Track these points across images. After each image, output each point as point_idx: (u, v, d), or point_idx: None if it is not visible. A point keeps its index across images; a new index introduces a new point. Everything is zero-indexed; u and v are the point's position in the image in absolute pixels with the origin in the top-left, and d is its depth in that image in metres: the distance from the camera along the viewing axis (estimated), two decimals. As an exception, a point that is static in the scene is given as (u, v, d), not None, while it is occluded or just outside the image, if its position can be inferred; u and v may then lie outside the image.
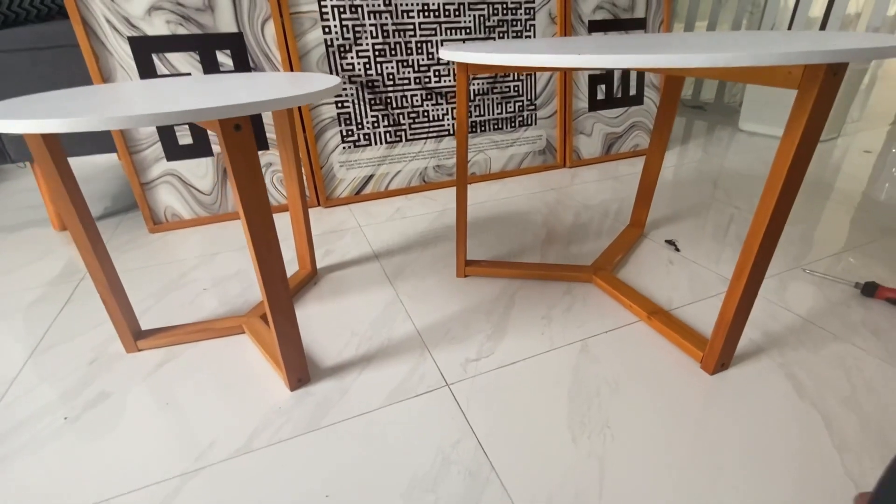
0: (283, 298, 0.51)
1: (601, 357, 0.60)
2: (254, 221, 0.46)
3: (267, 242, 0.48)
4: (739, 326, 0.54)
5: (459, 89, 0.66)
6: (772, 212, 0.46)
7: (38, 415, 0.55)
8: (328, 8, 1.03)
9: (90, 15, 0.88)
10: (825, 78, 0.39)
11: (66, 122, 0.35)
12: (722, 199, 1.09)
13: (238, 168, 0.43)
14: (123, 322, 0.62)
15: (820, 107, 0.41)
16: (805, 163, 0.44)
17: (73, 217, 0.54)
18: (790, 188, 0.45)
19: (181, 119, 0.36)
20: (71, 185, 0.53)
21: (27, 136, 0.49)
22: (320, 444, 0.49)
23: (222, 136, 0.41)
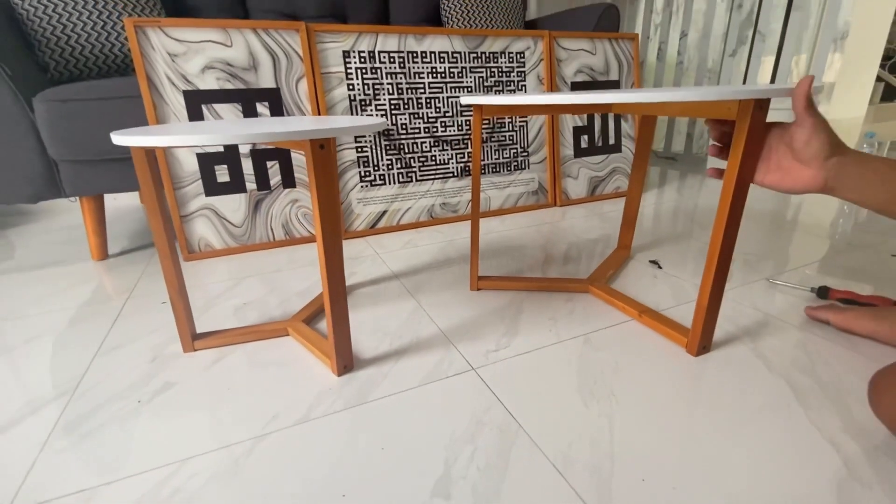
0: (339, 282, 0.61)
1: (602, 346, 0.70)
2: (326, 218, 0.57)
3: (334, 237, 0.58)
4: (714, 312, 0.66)
5: (475, 127, 0.81)
6: (729, 206, 0.59)
7: (113, 399, 0.62)
8: (353, 69, 1.21)
9: (153, 71, 1.03)
10: (754, 110, 0.53)
11: (221, 137, 0.47)
12: (696, 229, 1.24)
13: (320, 177, 0.55)
14: (185, 323, 0.71)
15: (754, 132, 0.55)
16: (750, 170, 0.57)
17: (157, 221, 0.65)
18: (741, 189, 0.58)
19: (291, 137, 0.49)
20: (160, 192, 0.64)
21: (135, 151, 0.60)
22: (370, 413, 0.57)
23: (311, 152, 0.54)
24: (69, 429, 0.56)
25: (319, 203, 0.56)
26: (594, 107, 0.91)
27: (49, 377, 0.67)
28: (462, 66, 1.33)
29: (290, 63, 1.15)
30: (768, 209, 1.42)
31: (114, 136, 0.53)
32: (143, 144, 0.50)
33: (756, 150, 0.56)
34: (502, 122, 1.41)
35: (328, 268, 0.59)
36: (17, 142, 0.99)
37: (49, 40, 1.11)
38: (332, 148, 0.55)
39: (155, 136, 0.49)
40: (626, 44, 1.56)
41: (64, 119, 0.98)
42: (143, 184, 0.62)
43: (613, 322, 0.77)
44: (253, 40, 1.10)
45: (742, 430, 0.53)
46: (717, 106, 0.59)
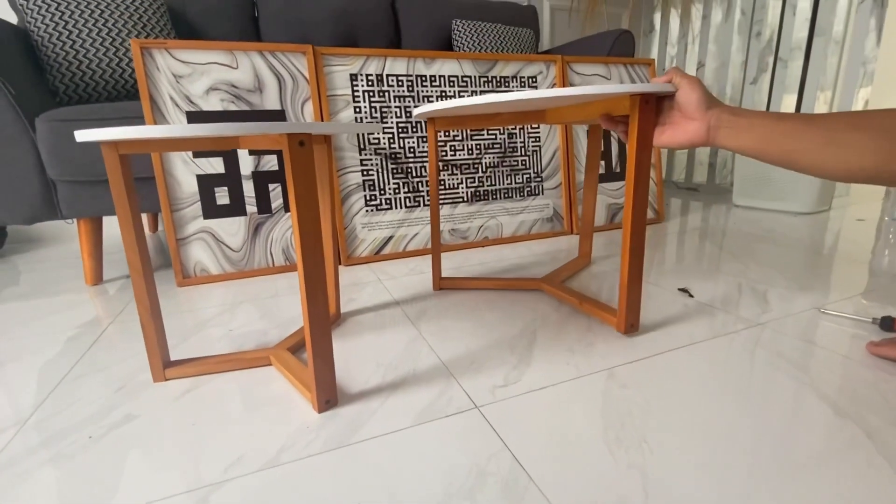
0: (321, 307, 0.53)
1: (630, 382, 0.60)
2: (305, 226, 0.50)
3: (313, 248, 0.51)
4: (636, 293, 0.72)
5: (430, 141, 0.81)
6: (633, 193, 0.67)
7: (64, 432, 0.54)
8: (360, 92, 1.18)
9: (157, 92, 1.02)
10: (641, 103, 0.62)
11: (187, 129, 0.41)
12: (726, 258, 1.13)
13: (298, 176, 0.49)
14: (156, 349, 0.64)
15: (644, 120, 0.63)
16: (647, 158, 0.65)
17: (129, 231, 0.59)
18: (641, 176, 0.67)
19: (266, 130, 0.43)
20: (133, 201, 0.59)
21: (105, 150, 0.55)
22: (351, 458, 0.48)
23: (288, 148, 0.48)
24: (8, 465, 0.49)
25: (298, 208, 0.50)
26: (529, 115, 0.91)
27: (6, 404, 0.60)
28: (472, 90, 1.30)
29: (296, 85, 1.13)
30: (805, 237, 1.31)
31: (77, 133, 0.48)
32: (103, 138, 0.44)
33: (648, 137, 0.64)
34: (514, 145, 1.36)
35: (307, 285, 0.52)
36: (16, 161, 0.98)
37: (60, 65, 1.12)
38: (310, 145, 0.49)
39: (116, 129, 0.44)
40: (642, 69, 1.52)
41: (64, 138, 0.96)
42: (115, 188, 0.57)
43: (641, 355, 0.67)
44: (259, 62, 1.09)
45: (815, 481, 0.41)
46: (616, 102, 0.67)
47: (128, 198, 0.58)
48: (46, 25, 1.13)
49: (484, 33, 1.72)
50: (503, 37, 1.74)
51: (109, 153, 0.56)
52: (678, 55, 2.31)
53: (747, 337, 0.71)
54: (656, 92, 0.62)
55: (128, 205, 0.58)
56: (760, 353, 0.66)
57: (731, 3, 2.05)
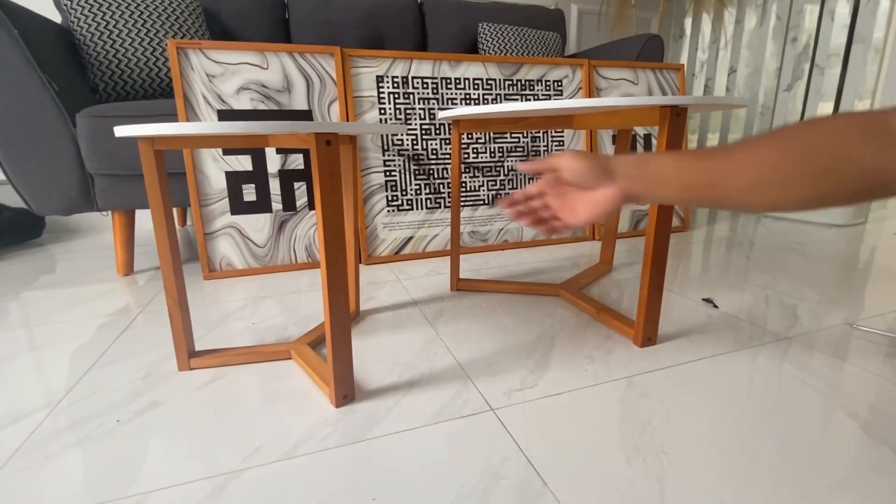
0: (342, 304, 0.54)
1: (650, 392, 0.59)
2: (329, 225, 0.51)
3: (337, 246, 0.52)
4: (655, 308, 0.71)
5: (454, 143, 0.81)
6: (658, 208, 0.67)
7: (93, 416, 0.56)
8: (385, 94, 1.20)
9: (190, 91, 1.05)
10: (671, 116, 0.62)
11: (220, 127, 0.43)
12: (753, 268, 1.10)
13: (324, 175, 0.50)
14: (183, 339, 0.66)
15: (673, 133, 0.63)
16: None
17: (161, 226, 0.61)
18: None
19: (294, 129, 0.44)
20: (166, 196, 0.61)
21: (142, 145, 0.58)
22: (365, 453, 0.49)
23: (315, 149, 0.49)
24: (38, 446, 0.51)
25: (323, 206, 0.51)
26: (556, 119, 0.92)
27: (39, 388, 0.63)
28: (497, 93, 1.30)
29: (323, 86, 1.15)
30: (838, 250, 1.26)
31: (116, 129, 0.51)
32: (140, 134, 0.46)
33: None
34: (538, 149, 1.35)
35: (330, 283, 0.53)
36: (57, 154, 1.02)
37: (101, 63, 1.17)
38: (337, 145, 0.50)
39: (153, 126, 0.46)
40: (671, 74, 1.49)
41: (102, 134, 1.00)
42: (149, 182, 0.59)
43: (662, 365, 0.66)
44: (288, 63, 1.11)
45: (841, 512, 0.40)
46: (642, 113, 0.68)
47: (161, 192, 0.60)
48: (88, 25, 1.18)
49: (510, 36, 1.72)
50: (529, 40, 1.74)
51: (146, 148, 0.58)
52: (709, 60, 2.26)
53: (774, 350, 0.69)
54: (686, 104, 0.61)
55: (161, 199, 0.60)
56: (787, 367, 0.64)
57: (766, 8, 2.00)
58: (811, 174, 0.36)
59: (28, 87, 0.98)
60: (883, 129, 0.34)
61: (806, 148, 0.36)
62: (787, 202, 0.38)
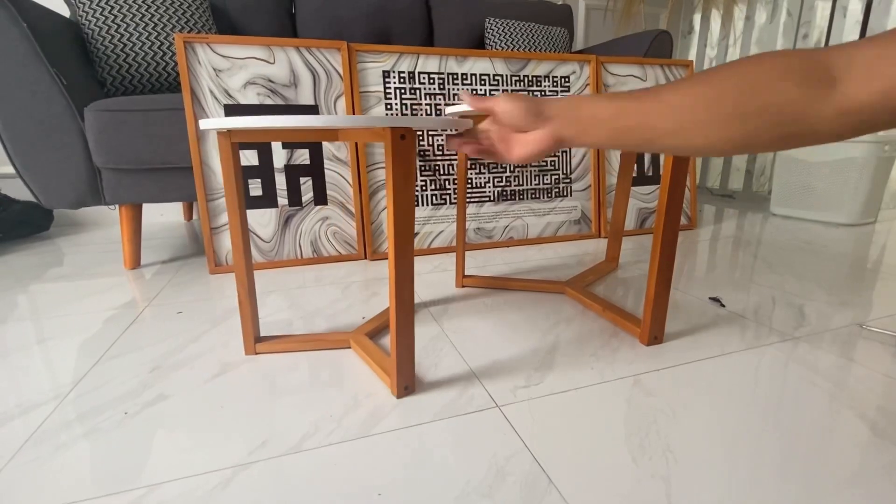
0: (408, 295, 0.55)
1: (655, 390, 0.59)
2: (400, 217, 0.52)
3: (406, 239, 0.53)
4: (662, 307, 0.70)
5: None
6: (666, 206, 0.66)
7: (101, 408, 0.57)
8: (392, 89, 1.19)
9: (198, 86, 1.05)
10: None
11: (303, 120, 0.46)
12: (760, 267, 1.09)
13: (397, 170, 0.51)
14: (250, 325, 0.69)
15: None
16: (683, 167, 0.64)
17: (235, 215, 0.64)
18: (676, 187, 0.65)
19: (372, 123, 0.47)
20: (240, 186, 0.63)
21: (220, 138, 0.59)
22: (369, 449, 0.49)
23: (391, 142, 0.50)
24: (45, 438, 0.51)
25: (395, 199, 0.51)
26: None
27: (47, 379, 0.64)
28: (503, 89, 1.29)
29: (329, 81, 1.15)
30: (847, 249, 1.25)
31: (201, 122, 0.53)
32: (219, 127, 0.48)
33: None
34: (544, 146, 1.35)
35: (398, 274, 0.53)
36: (65, 149, 1.03)
37: (108, 57, 1.18)
38: (412, 139, 0.51)
39: (231, 119, 0.47)
40: (679, 71, 1.48)
41: (110, 128, 1.01)
42: (226, 173, 0.62)
43: (669, 364, 0.65)
44: (295, 58, 1.11)
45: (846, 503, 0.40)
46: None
47: (235, 183, 0.62)
48: (97, 19, 1.18)
49: (517, 32, 1.71)
50: (536, 36, 1.73)
51: (223, 141, 0.60)
52: (718, 57, 2.24)
53: (781, 350, 0.69)
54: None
55: (235, 189, 0.62)
56: (794, 367, 0.64)
57: (777, 4, 1.97)
58: (741, 115, 0.35)
59: (37, 80, 0.98)
60: (820, 69, 0.32)
61: (737, 88, 0.35)
62: (716, 144, 0.37)
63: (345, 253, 1.21)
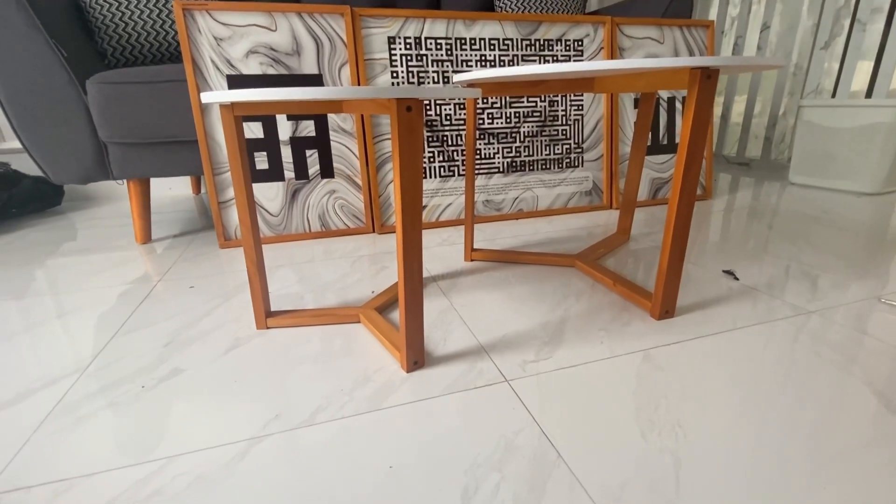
0: (417, 272, 0.55)
1: (666, 365, 0.58)
2: (407, 191, 0.51)
3: (413, 214, 0.52)
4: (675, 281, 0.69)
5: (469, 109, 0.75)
6: (682, 177, 0.63)
7: (120, 382, 0.58)
8: (397, 56, 1.16)
9: (199, 56, 1.03)
10: (701, 78, 0.58)
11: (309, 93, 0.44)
12: (775, 239, 1.07)
13: (404, 143, 0.49)
14: (260, 300, 0.69)
15: (703, 99, 0.60)
16: (702, 140, 0.62)
17: (241, 191, 0.63)
18: (693, 160, 0.63)
19: (378, 95, 0.45)
20: (244, 161, 0.63)
21: (223, 111, 0.58)
22: (380, 423, 0.49)
23: (396, 114, 0.48)
24: (68, 410, 0.53)
25: (402, 174, 0.50)
26: (577, 83, 0.88)
27: (68, 353, 0.65)
28: (514, 53, 1.24)
29: (333, 48, 1.11)
30: (867, 219, 1.21)
31: (203, 95, 0.51)
32: (221, 100, 0.47)
33: (705, 118, 0.61)
34: (555, 114, 1.31)
35: (405, 250, 0.53)
36: (70, 123, 1.02)
37: (108, 27, 1.15)
38: (418, 110, 0.49)
39: (233, 92, 0.46)
40: (699, 32, 1.40)
41: (113, 101, 0.99)
42: (230, 147, 0.61)
43: (679, 338, 0.65)
44: (297, 24, 1.07)
45: (855, 470, 0.40)
46: (669, 76, 0.64)
47: (240, 158, 0.61)
48: (94, -13, 1.15)
49: (528, -7, 1.63)
50: (548, -4, 1.65)
51: (226, 115, 0.59)
52: (740, 16, 2.12)
53: (793, 324, 0.68)
54: (718, 65, 0.57)
55: (240, 164, 0.61)
56: (806, 341, 0.63)
57: (806, -43, 1.85)
58: None
59: (37, 53, 0.96)
60: None
61: None
62: None
63: (353, 226, 1.21)
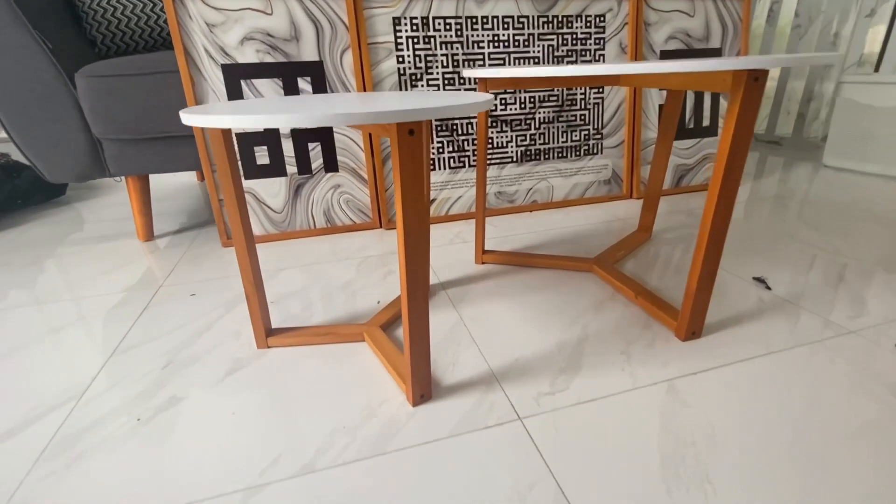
0: (422, 313, 0.51)
1: (694, 400, 0.54)
2: (410, 226, 0.47)
3: (419, 244, 0.48)
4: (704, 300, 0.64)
5: None
6: (718, 193, 0.57)
7: (115, 413, 0.56)
8: (403, 39, 1.07)
9: (191, 44, 0.96)
10: (747, 81, 0.50)
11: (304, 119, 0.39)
12: (805, 231, 0.99)
13: (405, 171, 0.44)
14: (259, 319, 0.66)
15: (747, 106, 0.52)
16: (743, 151, 0.55)
17: (234, 210, 0.59)
18: (732, 174, 0.56)
19: (377, 120, 0.38)
20: (237, 176, 0.58)
21: (212, 134, 0.53)
22: (386, 470, 0.46)
23: (397, 139, 0.43)
24: (61, 449, 0.51)
25: (403, 203, 0.45)
26: (600, 79, 0.84)
27: (64, 375, 0.63)
28: (529, 32, 1.15)
29: (334, 32, 1.03)
30: (913, 212, 1.12)
31: (182, 114, 0.46)
32: (207, 125, 0.42)
33: (749, 126, 0.54)
34: (573, 98, 1.22)
35: (410, 291, 0.49)
36: (61, 119, 0.97)
37: (96, 12, 1.08)
38: (421, 134, 0.44)
39: (220, 116, 0.41)
40: (733, 3, 1.28)
41: (104, 96, 0.94)
42: (221, 168, 0.57)
43: (707, 365, 0.60)
44: (295, 7, 0.99)
45: None
46: (710, 78, 0.57)
47: (232, 176, 0.57)
48: (79, -33, 1.07)
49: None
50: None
51: (215, 134, 0.54)
52: (777, -21, 1.95)
53: (836, 348, 0.62)
54: (768, 66, 0.49)
55: (234, 187, 0.58)
56: (851, 372, 0.57)
57: None
58: None
59: (21, 45, 0.91)
60: None
61: None
62: None
63: (359, 222, 1.16)
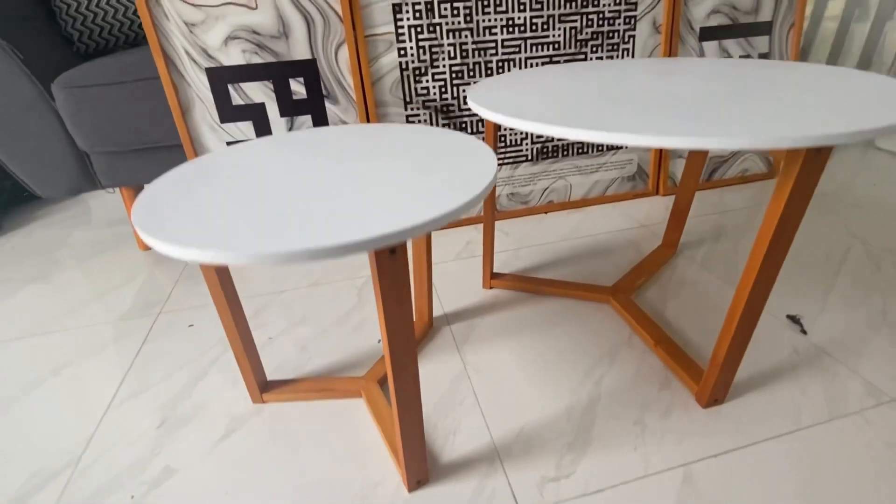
0: (415, 418, 0.47)
1: (713, 490, 0.49)
2: (396, 349, 0.42)
3: (407, 371, 0.44)
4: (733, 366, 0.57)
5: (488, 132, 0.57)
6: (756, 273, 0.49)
7: (110, 487, 0.55)
8: (405, 29, 0.95)
9: (170, 46, 0.87)
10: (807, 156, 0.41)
11: None
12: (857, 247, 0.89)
13: (387, 293, 0.39)
14: (252, 377, 0.64)
15: (804, 182, 0.43)
16: (790, 234, 0.46)
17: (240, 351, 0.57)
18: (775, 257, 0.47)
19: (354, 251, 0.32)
20: (236, 310, 0.55)
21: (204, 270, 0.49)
22: (378, 580, 0.44)
23: (375, 263, 0.37)
24: (56, 534, 0.51)
25: (388, 327, 0.40)
26: None
27: (61, 434, 0.63)
28: (548, 14, 1.01)
29: (327, 26, 0.92)
30: (978, 219, 1.00)
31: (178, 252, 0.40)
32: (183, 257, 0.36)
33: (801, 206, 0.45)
34: (596, 90, 1.09)
35: (400, 410, 0.45)
36: (45, 134, 0.92)
37: (69, 6, 0.99)
38: (404, 253, 0.38)
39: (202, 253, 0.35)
40: (791, -36, 1.09)
41: (85, 108, 0.88)
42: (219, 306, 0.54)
43: (729, 445, 0.55)
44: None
45: None
46: None
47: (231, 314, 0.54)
48: (47, -49, 0.97)
49: None
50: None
51: (209, 272, 0.49)
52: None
53: (876, 421, 0.56)
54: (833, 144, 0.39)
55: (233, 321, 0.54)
56: (890, 457, 0.52)
57: None
58: None
59: (-11, 56, 0.84)
60: None
61: None
62: None
63: (363, 229, 1.10)
